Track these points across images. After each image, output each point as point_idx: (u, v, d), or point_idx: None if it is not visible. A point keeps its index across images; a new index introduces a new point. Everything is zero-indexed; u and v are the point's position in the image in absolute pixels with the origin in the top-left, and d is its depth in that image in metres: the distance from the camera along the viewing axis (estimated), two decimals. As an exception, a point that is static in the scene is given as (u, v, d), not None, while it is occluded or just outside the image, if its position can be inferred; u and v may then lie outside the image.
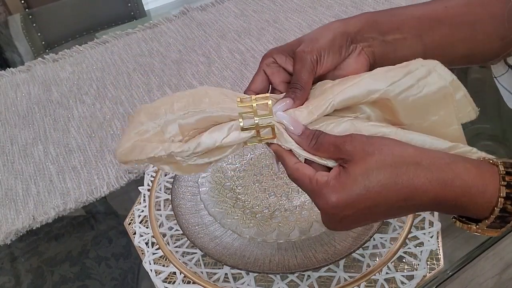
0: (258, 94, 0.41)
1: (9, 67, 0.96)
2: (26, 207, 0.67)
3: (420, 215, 0.54)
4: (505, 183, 0.33)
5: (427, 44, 0.42)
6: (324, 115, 0.38)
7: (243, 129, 0.38)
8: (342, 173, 0.35)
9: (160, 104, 0.40)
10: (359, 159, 0.34)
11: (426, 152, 0.35)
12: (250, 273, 0.50)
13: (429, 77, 0.37)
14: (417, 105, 0.37)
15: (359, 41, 0.41)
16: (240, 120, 0.37)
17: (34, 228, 0.65)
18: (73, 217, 0.76)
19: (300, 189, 0.43)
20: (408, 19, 0.42)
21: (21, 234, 0.64)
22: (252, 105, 0.38)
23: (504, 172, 0.33)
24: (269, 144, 0.39)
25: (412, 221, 0.53)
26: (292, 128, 0.37)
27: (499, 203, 0.33)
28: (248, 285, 0.50)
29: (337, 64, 0.41)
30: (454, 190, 0.33)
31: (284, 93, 0.40)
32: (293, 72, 0.40)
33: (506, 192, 0.33)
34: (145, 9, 1.30)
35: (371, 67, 0.42)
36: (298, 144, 0.38)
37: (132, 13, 1.28)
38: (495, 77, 0.48)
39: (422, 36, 0.42)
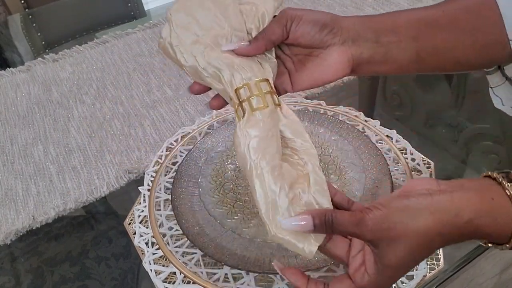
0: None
1: (9, 67, 0.97)
2: (26, 207, 0.67)
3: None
4: None
5: (422, 48, 0.42)
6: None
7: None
8: (379, 265, 0.35)
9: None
10: (387, 246, 0.34)
11: (443, 214, 0.35)
12: (250, 273, 0.50)
13: None
14: None
15: (352, 37, 0.41)
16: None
17: (34, 228, 0.65)
18: (73, 217, 0.76)
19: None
20: (404, 22, 0.42)
21: (21, 234, 0.64)
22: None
23: None
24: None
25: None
26: (305, 228, 0.35)
27: None
28: (248, 285, 0.50)
29: (312, 42, 0.41)
30: (473, 238, 0.36)
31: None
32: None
33: None
34: (145, 9, 1.30)
35: (354, 68, 0.42)
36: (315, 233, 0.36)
37: (132, 13, 1.28)
38: (491, 88, 0.48)
39: (418, 39, 0.42)
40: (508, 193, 0.35)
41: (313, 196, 0.37)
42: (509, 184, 0.35)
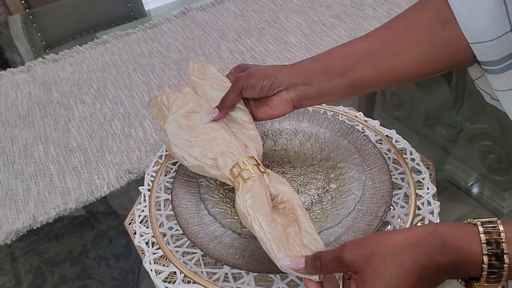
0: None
1: (10, 67, 0.97)
2: (27, 207, 0.67)
3: (419, 215, 0.54)
4: (485, 241, 0.36)
5: (353, 79, 0.50)
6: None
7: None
8: (360, 286, 0.37)
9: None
10: (365, 265, 0.37)
11: (412, 231, 0.38)
12: (250, 273, 0.51)
13: None
14: None
15: (287, 86, 0.52)
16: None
17: (34, 228, 0.65)
18: (73, 217, 0.76)
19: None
20: (331, 62, 0.51)
21: (22, 234, 0.65)
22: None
23: (483, 231, 0.36)
24: None
25: (412, 221, 0.53)
26: (297, 266, 0.42)
27: (484, 261, 0.35)
28: (248, 285, 0.50)
29: (259, 96, 0.53)
30: (447, 255, 0.36)
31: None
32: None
33: (487, 249, 0.35)
34: (145, 9, 1.30)
35: (295, 105, 0.54)
36: (309, 274, 0.42)
37: (132, 13, 1.28)
38: (473, 80, 0.49)
39: (346, 73, 0.50)
40: (479, 230, 0.36)
41: (304, 235, 0.45)
42: (481, 224, 0.37)
